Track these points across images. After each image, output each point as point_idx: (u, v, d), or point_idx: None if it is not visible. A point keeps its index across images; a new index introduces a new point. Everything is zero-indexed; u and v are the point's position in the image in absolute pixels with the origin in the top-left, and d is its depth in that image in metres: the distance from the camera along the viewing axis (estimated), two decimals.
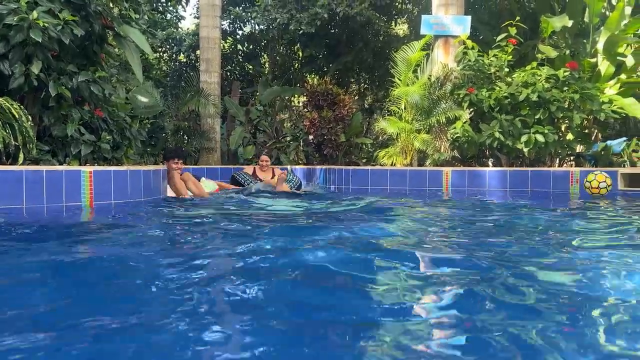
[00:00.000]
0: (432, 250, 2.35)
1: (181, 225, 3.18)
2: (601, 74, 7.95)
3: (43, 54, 3.85)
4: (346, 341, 1.19)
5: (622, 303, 1.48)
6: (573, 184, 6.00)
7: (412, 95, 7.47)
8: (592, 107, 6.70)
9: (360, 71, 14.08)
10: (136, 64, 4.78)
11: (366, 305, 1.47)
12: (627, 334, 1.23)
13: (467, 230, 3.08)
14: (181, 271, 1.82)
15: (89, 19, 4.27)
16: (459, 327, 1.30)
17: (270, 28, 11.57)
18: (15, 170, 3.40)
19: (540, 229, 3.05)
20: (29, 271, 1.82)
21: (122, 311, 1.37)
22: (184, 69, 13.62)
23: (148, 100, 8.55)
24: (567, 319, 1.34)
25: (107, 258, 2.10)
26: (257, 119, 10.44)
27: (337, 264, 1.90)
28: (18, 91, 3.91)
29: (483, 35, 10.63)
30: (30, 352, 1.06)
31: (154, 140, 8.54)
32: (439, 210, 4.42)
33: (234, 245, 2.37)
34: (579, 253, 2.22)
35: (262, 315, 1.34)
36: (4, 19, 3.63)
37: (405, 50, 8.01)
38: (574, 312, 1.43)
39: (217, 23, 9.60)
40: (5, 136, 3.55)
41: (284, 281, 1.71)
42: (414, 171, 6.70)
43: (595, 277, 1.78)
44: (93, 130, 4.48)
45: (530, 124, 6.67)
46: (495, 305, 1.45)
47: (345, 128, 9.08)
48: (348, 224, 3.19)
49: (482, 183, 6.36)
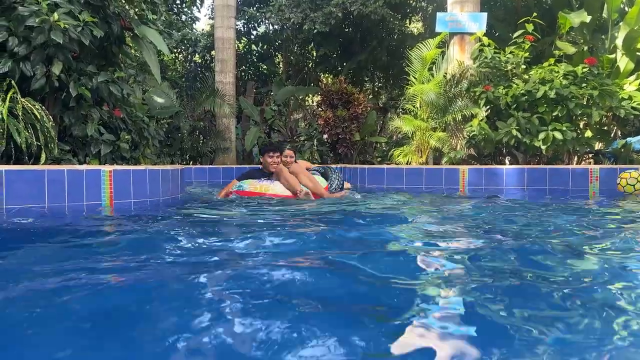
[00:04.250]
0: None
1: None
2: (620, 70, 7.83)
3: (64, 55, 3.90)
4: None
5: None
6: (592, 181, 5.92)
7: (428, 93, 7.44)
8: (611, 104, 6.60)
9: (375, 70, 14.06)
10: (154, 64, 4.83)
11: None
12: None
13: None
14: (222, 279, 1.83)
15: (107, 20, 4.33)
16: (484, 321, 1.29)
17: (285, 28, 11.62)
18: (38, 170, 3.45)
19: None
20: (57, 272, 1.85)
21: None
22: (199, 69, 13.74)
23: (164, 100, 8.64)
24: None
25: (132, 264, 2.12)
26: (271, 118, 10.49)
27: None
28: (39, 92, 3.97)
29: (499, 33, 10.54)
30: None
31: (171, 140, 8.63)
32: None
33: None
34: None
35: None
36: (25, 21, 3.70)
37: (420, 48, 7.97)
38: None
39: (231, 24, 9.66)
40: (28, 136, 3.61)
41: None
42: (430, 169, 6.66)
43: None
44: (112, 130, 4.54)
45: (548, 121, 6.59)
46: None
47: (360, 127, 9.08)
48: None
49: (499, 181, 6.30)
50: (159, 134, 5.65)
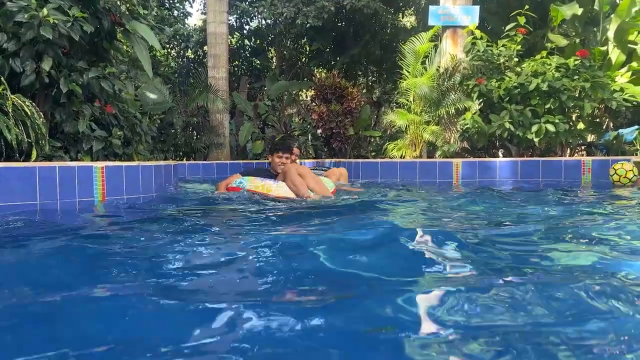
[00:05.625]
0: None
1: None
2: (612, 62, 7.87)
3: (53, 51, 3.87)
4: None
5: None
6: (585, 173, 5.96)
7: (421, 87, 7.44)
8: (603, 96, 6.64)
9: (368, 64, 14.05)
10: (145, 60, 4.80)
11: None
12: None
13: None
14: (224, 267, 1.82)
15: (98, 15, 4.29)
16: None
17: (277, 22, 11.58)
18: (29, 167, 3.43)
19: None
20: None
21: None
22: (192, 65, 13.68)
23: (157, 96, 8.60)
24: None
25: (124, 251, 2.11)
26: (265, 113, 10.46)
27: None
28: (29, 88, 3.94)
29: (491, 26, 10.55)
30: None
31: (164, 136, 8.59)
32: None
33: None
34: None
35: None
36: (14, 17, 3.66)
37: (413, 41, 7.97)
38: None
39: (224, 18, 9.60)
40: (19, 133, 3.58)
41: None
42: (424, 163, 6.68)
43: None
44: (104, 126, 4.51)
45: (540, 114, 6.62)
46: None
47: (354, 121, 9.06)
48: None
49: (492, 174, 6.32)
50: (152, 130, 5.62)
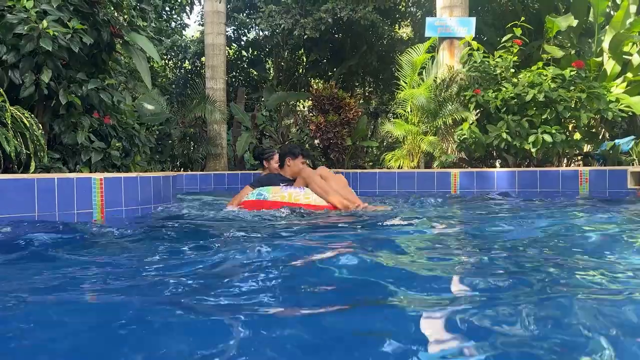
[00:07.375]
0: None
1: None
2: (607, 73, 7.93)
3: (53, 63, 3.88)
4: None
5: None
6: (582, 183, 5.97)
7: (418, 98, 7.47)
8: (599, 106, 6.68)
9: (365, 75, 14.11)
10: (145, 71, 4.81)
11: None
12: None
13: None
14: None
15: (97, 27, 4.30)
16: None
17: (275, 34, 11.62)
18: (28, 179, 3.42)
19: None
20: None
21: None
22: (189, 76, 13.71)
23: (154, 107, 8.61)
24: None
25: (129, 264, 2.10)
26: (263, 124, 10.48)
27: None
28: (29, 100, 3.94)
29: (488, 37, 10.63)
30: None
31: (161, 147, 8.59)
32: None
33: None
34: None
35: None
36: (14, 29, 3.67)
37: (410, 52, 8.02)
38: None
39: (221, 30, 9.65)
40: (17, 145, 3.57)
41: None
42: (422, 173, 6.69)
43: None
44: (102, 137, 4.51)
45: (537, 124, 6.65)
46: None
47: (351, 132, 9.08)
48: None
49: (490, 184, 6.34)
50: (150, 141, 5.63)
